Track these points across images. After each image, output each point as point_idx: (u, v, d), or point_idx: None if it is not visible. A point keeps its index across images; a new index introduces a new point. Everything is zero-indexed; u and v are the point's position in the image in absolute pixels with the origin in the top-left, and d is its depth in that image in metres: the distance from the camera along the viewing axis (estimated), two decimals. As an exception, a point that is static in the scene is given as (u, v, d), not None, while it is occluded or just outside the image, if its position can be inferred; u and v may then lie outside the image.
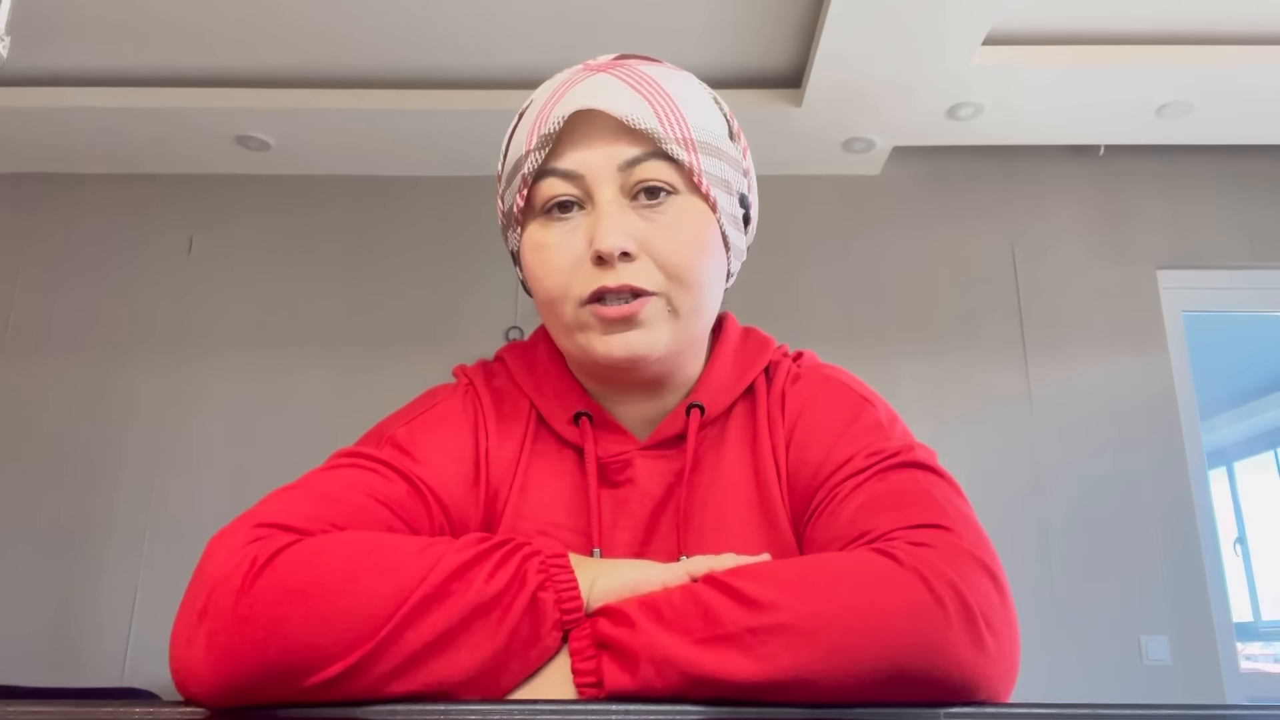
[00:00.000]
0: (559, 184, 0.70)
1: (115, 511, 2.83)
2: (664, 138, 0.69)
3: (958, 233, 3.10)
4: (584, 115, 0.70)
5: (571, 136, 0.70)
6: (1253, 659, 4.23)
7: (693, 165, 0.70)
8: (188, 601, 0.54)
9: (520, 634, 0.55)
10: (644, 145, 0.69)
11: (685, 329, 0.72)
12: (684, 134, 0.70)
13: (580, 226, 0.70)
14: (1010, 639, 0.56)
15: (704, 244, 0.71)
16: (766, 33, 2.53)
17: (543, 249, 0.71)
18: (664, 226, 0.70)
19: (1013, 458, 2.87)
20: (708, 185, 0.71)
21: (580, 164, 0.70)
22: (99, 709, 0.50)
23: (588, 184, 0.70)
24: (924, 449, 0.70)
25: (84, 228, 3.10)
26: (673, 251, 0.69)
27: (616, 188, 0.70)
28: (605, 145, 0.69)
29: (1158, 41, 2.53)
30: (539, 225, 0.72)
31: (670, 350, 0.71)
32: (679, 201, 0.71)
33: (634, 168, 0.69)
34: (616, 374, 0.73)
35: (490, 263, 3.01)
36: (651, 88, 0.71)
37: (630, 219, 0.69)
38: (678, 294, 0.70)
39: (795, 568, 0.57)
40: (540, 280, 0.72)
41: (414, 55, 2.63)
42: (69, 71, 2.70)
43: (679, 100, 0.72)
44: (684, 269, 0.70)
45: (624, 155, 0.69)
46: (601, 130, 0.70)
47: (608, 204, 0.69)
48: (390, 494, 0.66)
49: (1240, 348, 4.07)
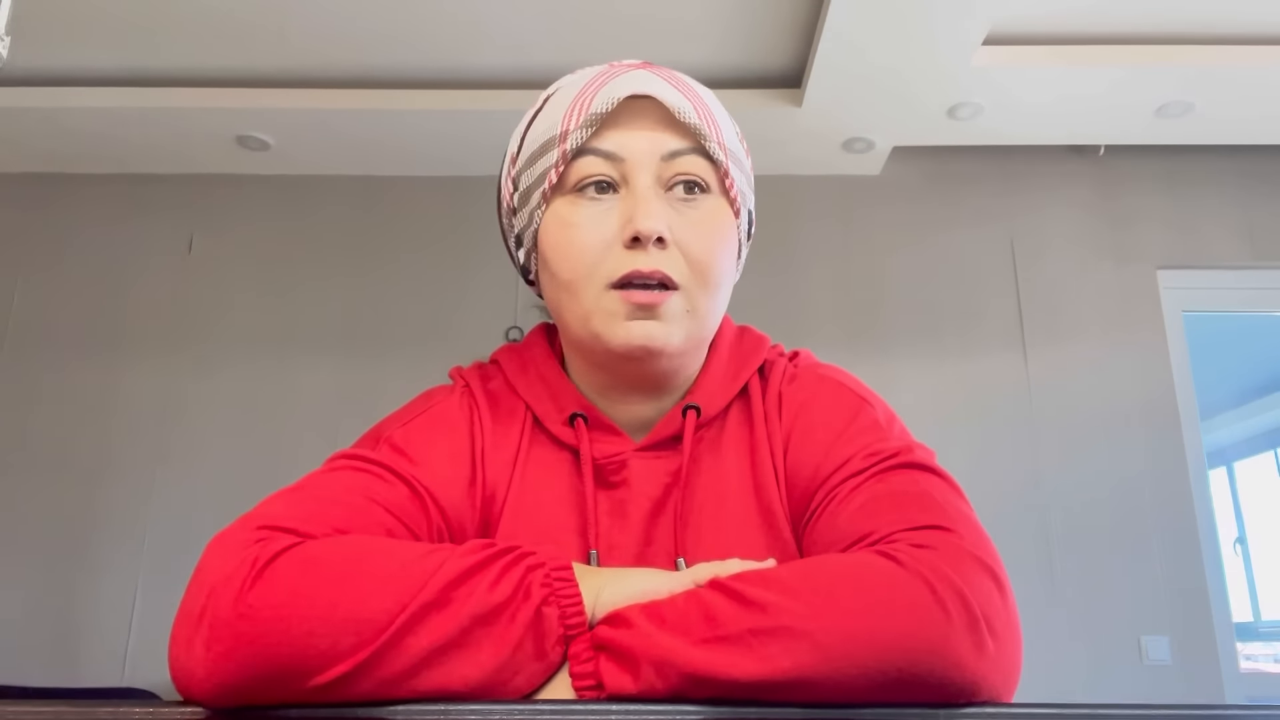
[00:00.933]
0: (598, 163, 0.70)
1: (115, 512, 2.83)
2: (707, 135, 0.71)
3: (958, 233, 3.10)
4: (631, 103, 0.71)
5: (616, 121, 0.71)
6: (1253, 659, 4.23)
7: (727, 167, 0.72)
8: (187, 602, 0.54)
9: (524, 649, 0.55)
10: (688, 140, 0.71)
11: (698, 329, 0.72)
12: (720, 138, 0.72)
13: (613, 210, 0.70)
14: (1012, 641, 0.56)
15: (727, 246, 0.73)
16: (766, 33, 2.53)
17: (571, 227, 0.71)
18: (695, 222, 0.71)
19: (1013, 458, 2.87)
20: (737, 190, 0.73)
21: (623, 147, 0.70)
22: (99, 709, 0.50)
23: (627, 168, 0.70)
24: (923, 449, 0.70)
25: (84, 228, 3.10)
26: (701, 248, 0.70)
27: (654, 176, 0.70)
28: (651, 133, 0.71)
29: (1158, 41, 2.53)
30: (567, 202, 0.71)
31: (682, 349, 0.72)
32: (710, 201, 0.72)
33: (675, 159, 0.71)
34: (627, 364, 0.72)
35: (490, 263, 3.01)
36: (690, 90, 0.73)
37: (666, 208, 0.70)
38: (698, 292, 0.71)
39: (797, 570, 0.57)
40: (564, 259, 0.71)
41: (414, 55, 2.63)
42: (69, 71, 2.70)
43: (710, 106, 0.74)
44: (708, 266, 0.70)
45: (669, 146, 0.70)
46: (648, 119, 0.71)
47: (646, 189, 0.70)
48: (389, 496, 0.66)
49: (1240, 348, 4.07)
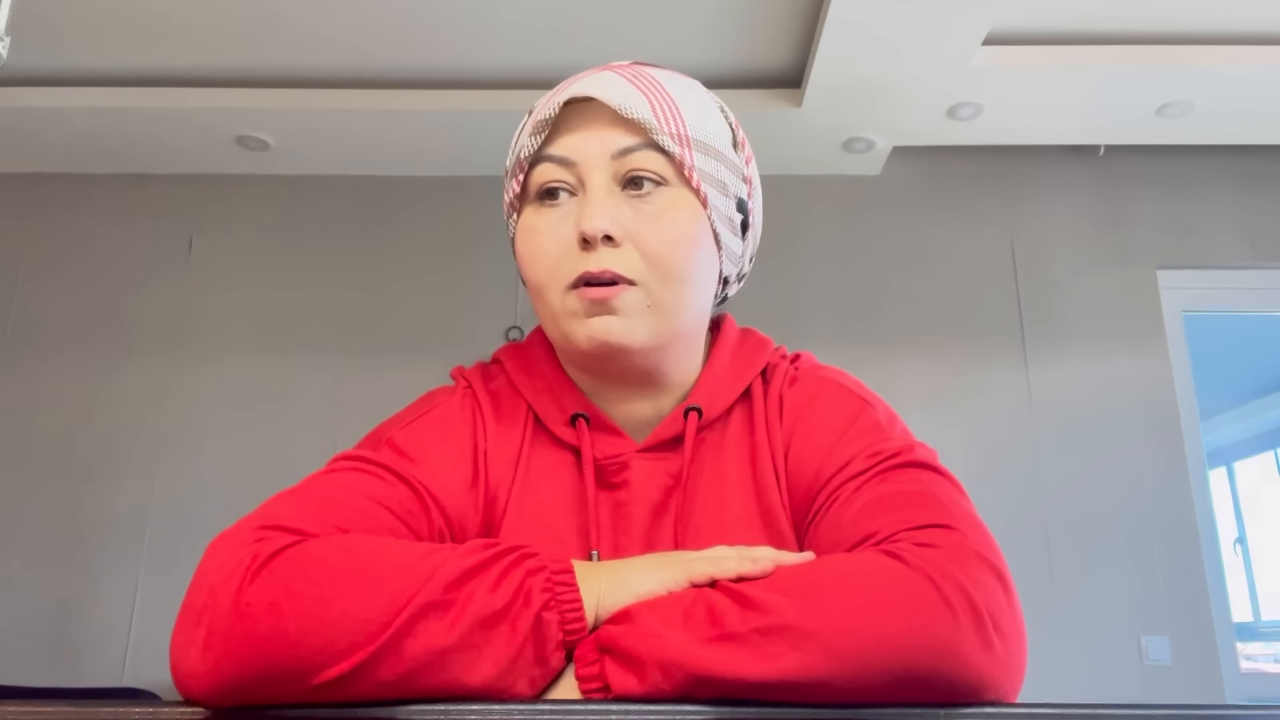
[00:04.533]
0: (553, 169, 0.71)
1: (115, 511, 2.83)
2: (656, 129, 0.70)
3: (958, 233, 3.10)
4: (582, 106, 0.71)
5: (569, 125, 0.71)
6: (1253, 659, 4.23)
7: (684, 158, 0.71)
8: (188, 602, 0.54)
9: (526, 655, 0.54)
10: (638, 136, 0.70)
11: (666, 323, 0.71)
12: (678, 130, 0.71)
13: (570, 214, 0.71)
14: (1017, 639, 0.56)
15: (690, 238, 0.71)
16: (766, 33, 2.53)
17: (533, 234, 0.72)
18: (650, 216, 0.70)
19: (1013, 458, 2.87)
20: (699, 180, 0.72)
21: (573, 150, 0.71)
22: (99, 709, 0.50)
23: (580, 171, 0.70)
24: (924, 448, 0.70)
25: (84, 228, 3.10)
26: (656, 241, 0.70)
27: (609, 175, 0.70)
28: (600, 132, 0.71)
29: (1158, 41, 2.52)
30: (532, 211, 0.73)
31: (650, 345, 0.71)
32: (668, 193, 0.71)
33: (626, 156, 0.70)
34: (597, 363, 0.73)
35: (490, 263, 3.01)
36: (651, 86, 0.72)
37: (618, 206, 0.70)
38: (658, 286, 0.70)
39: (801, 570, 0.57)
40: (530, 265, 0.72)
41: (414, 55, 2.63)
42: (69, 71, 2.70)
43: (679, 100, 0.73)
44: (666, 259, 0.70)
45: (618, 144, 0.70)
46: (597, 120, 0.71)
47: (596, 189, 0.70)
48: (390, 497, 0.66)
49: (1240, 348, 4.07)
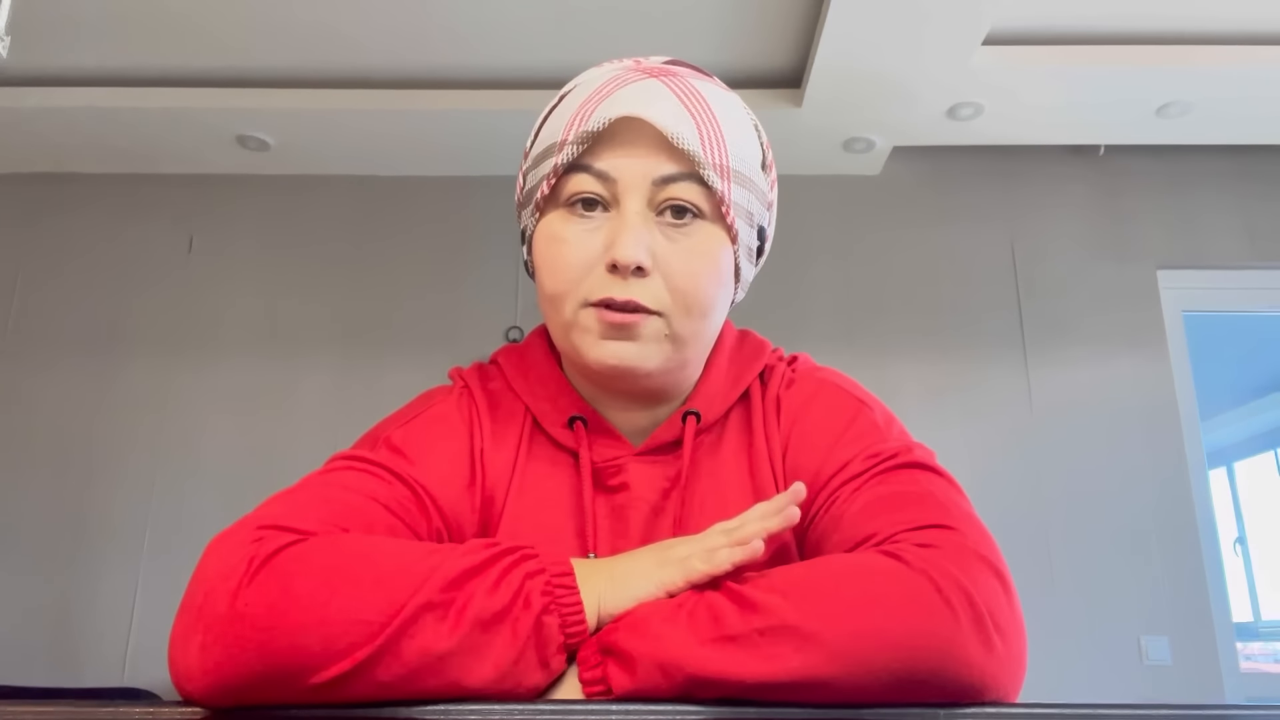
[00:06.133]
0: (589, 181, 0.69)
1: (115, 511, 2.83)
2: (703, 162, 0.68)
3: (958, 233, 3.10)
4: (628, 119, 0.69)
5: (612, 137, 0.69)
6: (1253, 659, 4.23)
7: (724, 194, 0.70)
8: (186, 601, 0.54)
9: (527, 659, 0.54)
10: (682, 165, 0.69)
11: (679, 352, 0.71)
12: (722, 160, 0.70)
13: (601, 228, 0.69)
14: (1018, 639, 0.56)
15: (717, 273, 0.71)
16: (766, 33, 2.53)
17: (559, 243, 0.70)
18: (683, 249, 0.69)
19: (1013, 458, 2.87)
20: (733, 217, 0.71)
21: (615, 168, 0.69)
22: (99, 709, 0.50)
23: (618, 189, 0.69)
24: (922, 448, 0.70)
25: (84, 228, 3.10)
26: (686, 275, 0.69)
27: (645, 200, 0.69)
28: (644, 156, 0.69)
29: (1158, 41, 2.52)
30: (559, 216, 0.71)
31: (661, 370, 0.71)
32: (703, 228, 0.70)
33: (668, 185, 0.69)
34: (605, 381, 0.73)
35: (490, 263, 3.01)
36: (699, 106, 0.70)
37: (652, 234, 0.69)
38: (679, 318, 0.69)
39: (801, 570, 0.57)
40: (550, 273, 0.71)
41: (414, 55, 2.63)
42: (69, 71, 2.70)
43: (724, 124, 0.71)
44: (692, 295, 0.69)
45: (661, 171, 0.69)
46: (643, 139, 0.69)
47: (633, 215, 0.68)
48: (389, 496, 0.66)
49: (1240, 348, 4.07)
